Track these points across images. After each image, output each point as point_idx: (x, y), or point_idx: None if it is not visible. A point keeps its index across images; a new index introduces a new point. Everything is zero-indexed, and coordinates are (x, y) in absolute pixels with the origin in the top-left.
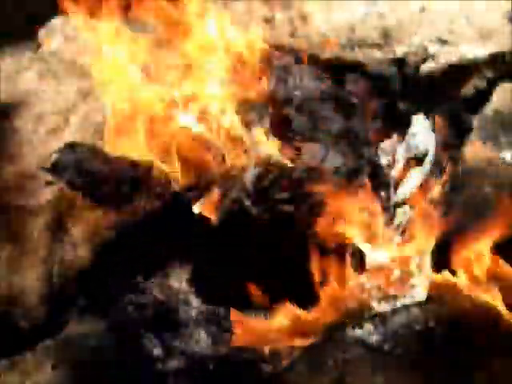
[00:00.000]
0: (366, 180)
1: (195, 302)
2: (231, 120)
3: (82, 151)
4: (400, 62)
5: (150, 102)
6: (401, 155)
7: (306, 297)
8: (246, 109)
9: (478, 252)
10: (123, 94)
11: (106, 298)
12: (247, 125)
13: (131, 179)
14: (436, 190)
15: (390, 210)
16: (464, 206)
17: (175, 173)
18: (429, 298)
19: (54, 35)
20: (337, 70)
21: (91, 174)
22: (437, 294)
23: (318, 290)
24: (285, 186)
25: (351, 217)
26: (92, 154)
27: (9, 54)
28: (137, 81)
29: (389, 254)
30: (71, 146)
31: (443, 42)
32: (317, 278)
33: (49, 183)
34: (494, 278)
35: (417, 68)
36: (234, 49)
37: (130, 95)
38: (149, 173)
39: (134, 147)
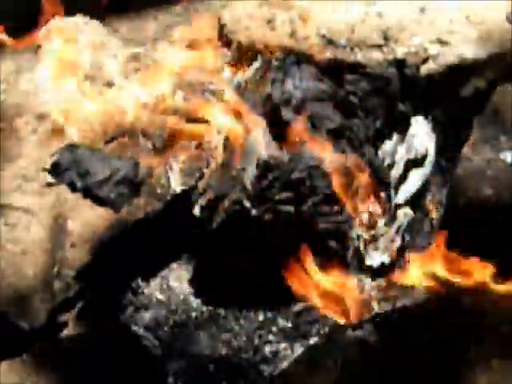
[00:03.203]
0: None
1: (195, 302)
2: (230, 121)
3: (81, 152)
4: (400, 63)
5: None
6: (401, 156)
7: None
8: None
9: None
10: None
11: (105, 299)
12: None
13: (131, 180)
14: (436, 191)
15: (390, 211)
16: (464, 206)
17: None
18: (429, 298)
19: (54, 35)
20: (337, 70)
21: (91, 175)
22: (437, 294)
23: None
24: (285, 187)
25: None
26: (92, 155)
27: (9, 54)
28: None
29: (389, 255)
30: (71, 147)
31: (443, 42)
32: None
33: (49, 184)
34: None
35: (417, 68)
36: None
37: None
38: (149, 173)
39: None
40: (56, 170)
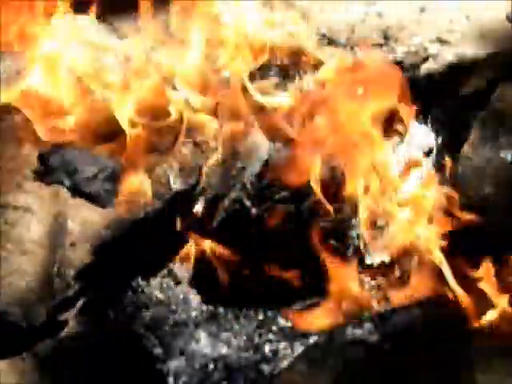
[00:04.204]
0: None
1: (195, 301)
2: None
3: (69, 152)
4: (400, 63)
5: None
6: (401, 156)
7: (307, 296)
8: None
9: None
10: None
11: (105, 298)
12: (246, 126)
13: (118, 176)
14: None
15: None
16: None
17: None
18: (429, 298)
19: (54, 35)
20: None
21: (79, 173)
22: (437, 294)
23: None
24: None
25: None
26: (79, 153)
27: (9, 54)
28: None
29: (389, 253)
30: (58, 147)
31: (443, 41)
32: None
33: (48, 183)
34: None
35: (417, 67)
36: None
37: None
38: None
39: None
40: (44, 170)
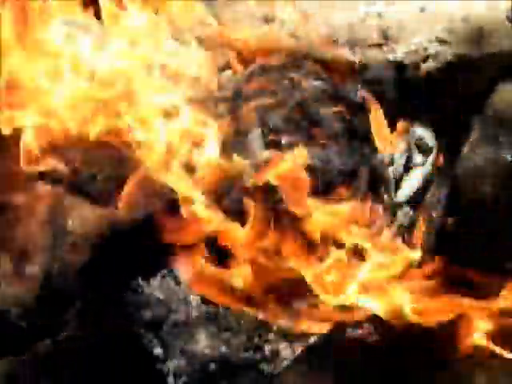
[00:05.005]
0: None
1: (195, 302)
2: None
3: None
4: (399, 63)
5: None
6: (401, 156)
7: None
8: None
9: None
10: None
11: (105, 298)
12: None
13: (118, 176)
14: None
15: (390, 211)
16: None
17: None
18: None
19: (54, 35)
20: (337, 70)
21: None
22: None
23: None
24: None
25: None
26: (77, 152)
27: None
28: None
29: (390, 255)
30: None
31: (443, 41)
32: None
33: (48, 183)
34: None
35: (417, 68)
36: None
37: None
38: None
39: None
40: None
